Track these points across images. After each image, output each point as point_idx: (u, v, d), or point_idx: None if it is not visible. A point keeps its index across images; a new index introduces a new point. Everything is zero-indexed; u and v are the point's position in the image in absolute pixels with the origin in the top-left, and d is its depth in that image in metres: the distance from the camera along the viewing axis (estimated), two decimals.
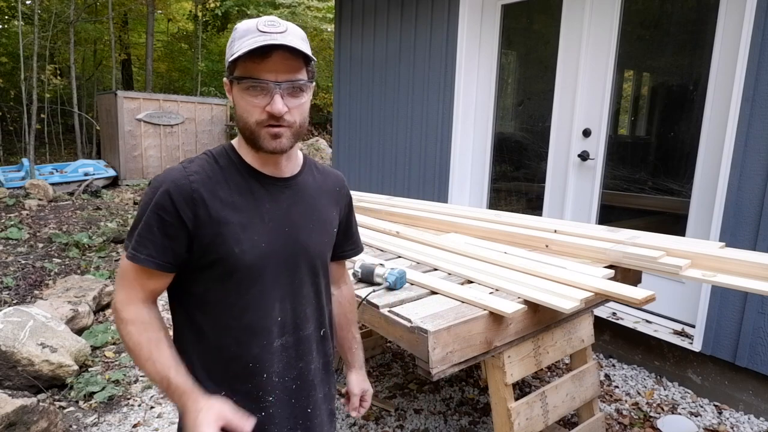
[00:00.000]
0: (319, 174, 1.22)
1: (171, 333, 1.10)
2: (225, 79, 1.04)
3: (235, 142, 1.11)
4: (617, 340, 3.27)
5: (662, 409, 2.74)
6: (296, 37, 0.98)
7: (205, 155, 1.09)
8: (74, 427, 2.54)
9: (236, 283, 1.04)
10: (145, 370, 1.00)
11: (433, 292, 1.86)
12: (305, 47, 0.99)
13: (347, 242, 1.33)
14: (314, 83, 1.06)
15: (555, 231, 2.41)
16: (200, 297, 1.06)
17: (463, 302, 1.74)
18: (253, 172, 1.07)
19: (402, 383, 2.98)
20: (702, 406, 2.77)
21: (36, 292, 4.20)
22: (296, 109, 1.00)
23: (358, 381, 1.36)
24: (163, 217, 0.99)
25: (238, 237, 1.02)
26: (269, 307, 1.08)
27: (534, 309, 1.79)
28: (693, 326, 2.89)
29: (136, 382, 2.97)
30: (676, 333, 2.97)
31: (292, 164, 1.13)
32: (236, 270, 1.03)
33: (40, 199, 7.73)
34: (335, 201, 1.23)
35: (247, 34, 0.97)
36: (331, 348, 1.25)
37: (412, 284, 1.93)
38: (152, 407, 2.73)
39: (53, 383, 2.82)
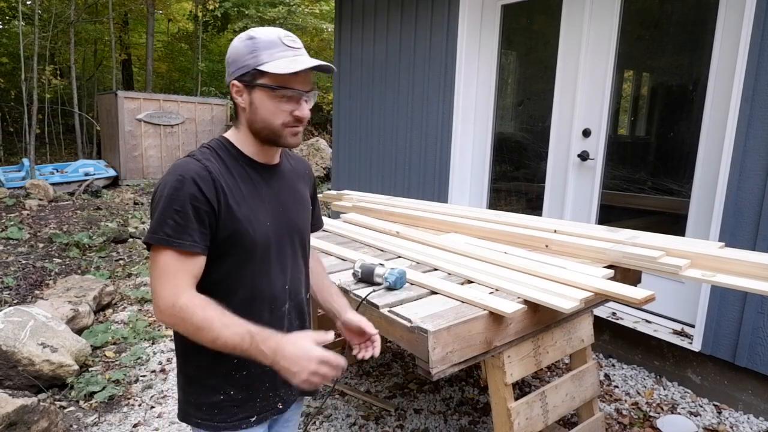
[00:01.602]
0: (292, 160, 1.39)
1: None
2: (236, 82, 1.14)
3: (230, 136, 1.23)
4: (617, 340, 3.27)
5: (662, 409, 2.74)
6: (305, 51, 1.18)
7: (207, 149, 1.19)
8: (75, 426, 2.54)
9: (252, 260, 1.18)
10: (221, 338, 1.04)
11: (433, 292, 1.86)
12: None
13: (314, 218, 1.49)
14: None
15: (555, 231, 2.42)
16: (219, 276, 1.16)
17: (463, 302, 1.74)
18: (249, 161, 1.21)
19: (402, 383, 2.98)
20: (701, 406, 2.77)
21: (36, 292, 4.20)
22: (309, 111, 1.19)
23: (357, 317, 1.32)
24: (197, 206, 1.08)
25: (249, 219, 1.16)
26: (277, 278, 1.23)
27: (534, 309, 1.79)
28: (693, 326, 2.89)
29: (136, 381, 2.98)
30: (676, 333, 2.97)
31: (277, 154, 1.29)
32: (253, 247, 1.17)
33: (40, 199, 7.73)
34: (306, 183, 1.41)
35: (274, 47, 1.12)
36: (310, 307, 1.43)
37: (412, 284, 1.93)
38: (152, 407, 2.73)
39: (54, 383, 2.82)
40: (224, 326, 1.04)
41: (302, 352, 1.03)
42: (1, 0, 12.59)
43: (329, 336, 1.08)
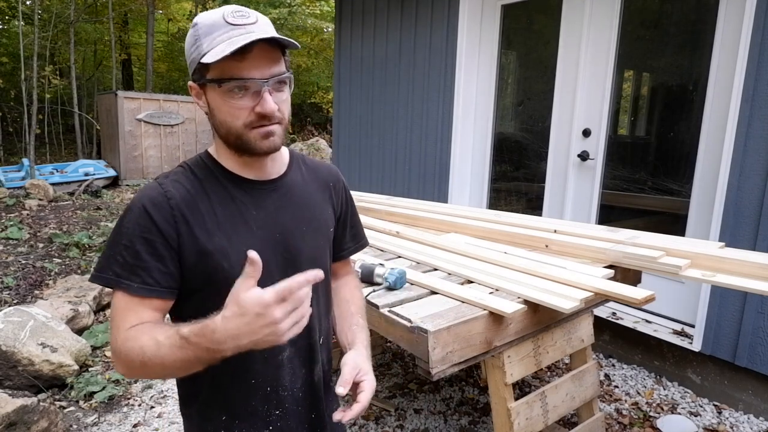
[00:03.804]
0: (309, 170, 1.13)
1: None
2: (191, 83, 0.96)
3: (211, 149, 1.03)
4: (617, 340, 3.27)
5: (662, 409, 2.74)
6: (268, 26, 0.91)
7: (181, 168, 1.01)
8: (74, 426, 2.54)
9: None
10: (166, 361, 0.82)
11: (433, 292, 1.86)
12: (279, 35, 0.91)
13: (349, 239, 1.23)
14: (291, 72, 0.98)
15: (555, 231, 2.42)
16: (191, 317, 0.88)
17: (463, 302, 1.74)
18: (233, 178, 1.00)
19: (402, 383, 2.98)
20: (702, 406, 2.77)
21: (36, 292, 4.20)
22: (283, 103, 0.94)
23: (353, 356, 1.07)
24: (150, 239, 0.90)
25: (225, 251, 0.94)
26: None
27: (534, 309, 1.79)
28: (693, 326, 2.89)
29: (136, 381, 2.98)
30: (676, 333, 2.97)
31: (277, 165, 1.06)
32: (226, 286, 0.85)
33: (40, 199, 7.73)
34: (329, 197, 1.14)
35: (215, 30, 0.89)
36: (330, 353, 1.19)
37: (412, 284, 1.93)
38: (152, 407, 2.73)
39: (53, 383, 2.82)
40: (160, 346, 0.82)
41: (240, 313, 0.74)
42: (1, 0, 12.60)
43: (295, 280, 0.74)
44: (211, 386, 1.03)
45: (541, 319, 1.88)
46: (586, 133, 3.53)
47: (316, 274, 0.76)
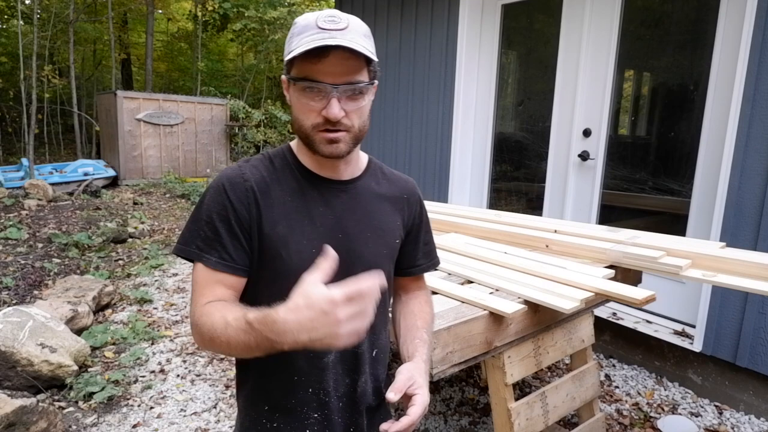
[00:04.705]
0: (385, 179, 1.14)
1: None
2: (283, 77, 0.99)
3: (293, 143, 1.07)
4: (617, 341, 3.27)
5: (663, 410, 2.73)
6: (357, 34, 0.92)
7: (261, 155, 1.05)
8: (74, 427, 2.54)
9: (283, 290, 0.83)
10: (231, 341, 0.83)
11: (433, 292, 1.85)
12: (367, 45, 0.93)
13: (421, 255, 1.20)
14: (376, 83, 0.98)
15: (555, 231, 2.41)
16: (247, 302, 0.93)
17: (463, 302, 1.74)
18: (307, 173, 1.02)
19: None
20: (702, 407, 2.76)
21: (35, 292, 4.19)
22: (355, 112, 0.94)
23: (411, 367, 1.02)
24: (226, 216, 0.95)
25: (285, 240, 0.96)
26: None
27: (534, 309, 1.79)
28: (693, 326, 2.89)
29: (135, 382, 2.97)
30: (677, 333, 2.97)
31: (351, 167, 1.07)
32: (282, 275, 0.95)
33: (39, 199, 7.72)
34: (400, 209, 1.13)
35: (306, 31, 0.91)
36: (384, 372, 1.15)
37: None
38: (152, 408, 2.73)
39: (53, 383, 2.81)
40: (227, 326, 0.84)
41: (306, 305, 0.72)
42: (1, 0, 12.59)
43: (370, 281, 0.73)
44: (258, 376, 1.05)
45: (542, 319, 1.87)
46: (587, 133, 3.52)
47: (382, 280, 0.75)
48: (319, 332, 0.72)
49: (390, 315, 1.20)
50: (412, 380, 0.98)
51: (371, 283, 0.73)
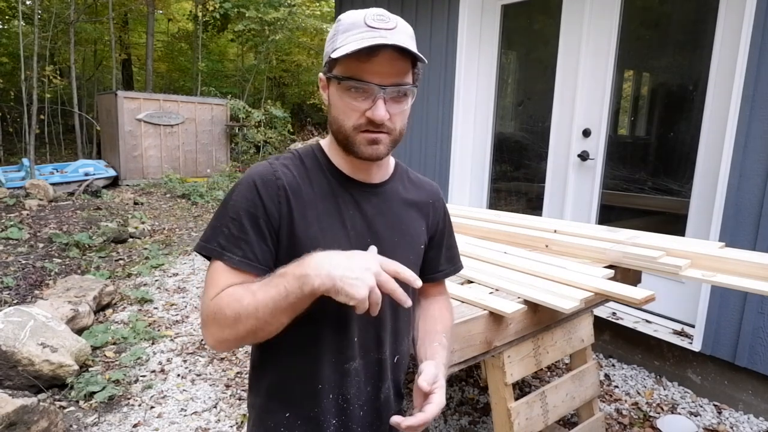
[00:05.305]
0: (411, 184, 1.12)
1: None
2: (321, 75, 0.97)
3: (324, 142, 1.05)
4: (617, 340, 3.27)
5: (662, 409, 2.74)
6: (406, 35, 0.91)
7: (291, 154, 1.03)
8: (74, 426, 2.54)
9: None
10: (257, 303, 0.83)
11: None
12: (414, 47, 0.92)
13: (444, 260, 1.19)
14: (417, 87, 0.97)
15: (555, 231, 2.42)
16: None
17: (463, 302, 1.74)
18: (338, 175, 1.01)
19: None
20: (702, 406, 2.77)
21: (36, 292, 4.20)
22: (398, 115, 0.93)
23: (433, 365, 1.01)
24: (255, 214, 0.92)
25: (316, 242, 0.92)
26: (343, 325, 0.98)
27: (534, 309, 1.79)
28: (693, 326, 2.89)
29: (136, 382, 2.98)
30: (676, 333, 2.97)
31: (382, 171, 1.06)
32: None
33: (40, 199, 7.72)
34: (425, 214, 1.12)
35: (353, 28, 0.89)
36: (403, 378, 1.15)
37: None
38: (152, 407, 2.73)
39: (53, 383, 2.82)
40: (255, 293, 0.84)
41: (348, 256, 0.82)
42: (1, 0, 12.59)
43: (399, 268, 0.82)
44: (278, 381, 1.03)
45: (541, 319, 1.88)
46: (586, 133, 3.53)
47: (414, 278, 0.82)
48: (353, 272, 0.78)
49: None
50: (436, 377, 0.97)
51: (410, 275, 0.82)
